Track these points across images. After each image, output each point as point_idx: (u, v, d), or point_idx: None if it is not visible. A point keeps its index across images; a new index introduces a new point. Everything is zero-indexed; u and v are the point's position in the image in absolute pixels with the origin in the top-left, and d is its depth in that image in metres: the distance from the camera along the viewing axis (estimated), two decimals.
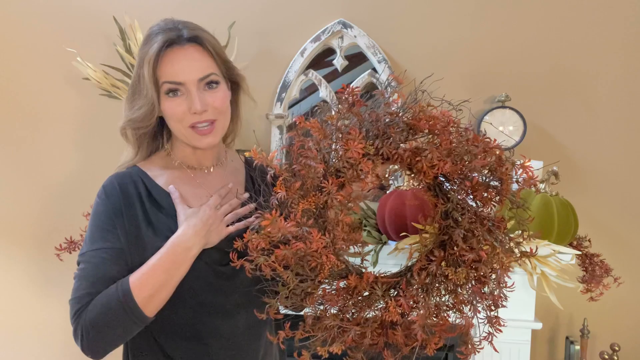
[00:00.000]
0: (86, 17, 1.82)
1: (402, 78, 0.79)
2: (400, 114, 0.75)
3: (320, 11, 1.79)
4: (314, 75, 1.78)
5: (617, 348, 1.65)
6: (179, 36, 0.97)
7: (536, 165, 1.56)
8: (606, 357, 1.64)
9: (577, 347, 1.68)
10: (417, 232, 1.14)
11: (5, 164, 1.89)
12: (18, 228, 1.89)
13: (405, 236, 1.23)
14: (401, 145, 0.72)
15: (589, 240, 1.54)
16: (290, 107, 1.81)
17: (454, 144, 0.73)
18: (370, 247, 1.42)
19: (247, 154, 1.29)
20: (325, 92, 1.77)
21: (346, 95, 0.75)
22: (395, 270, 0.85)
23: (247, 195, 1.04)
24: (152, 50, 0.95)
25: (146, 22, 1.67)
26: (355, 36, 1.75)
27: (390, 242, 1.44)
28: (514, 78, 1.76)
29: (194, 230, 0.94)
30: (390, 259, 1.34)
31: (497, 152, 0.75)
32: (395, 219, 1.32)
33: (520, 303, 1.51)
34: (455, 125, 0.75)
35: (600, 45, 1.75)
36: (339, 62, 1.77)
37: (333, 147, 0.73)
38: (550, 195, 1.43)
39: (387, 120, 0.75)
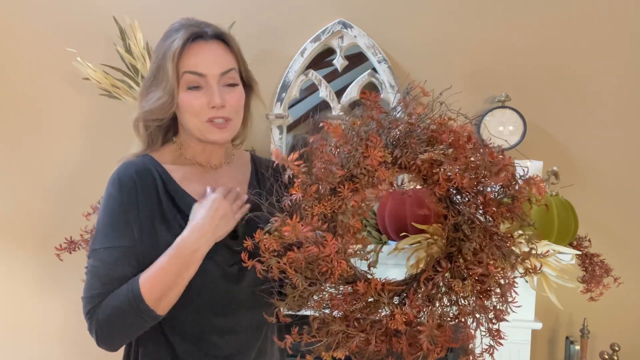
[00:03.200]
0: (86, 17, 1.82)
1: (417, 87, 0.78)
2: (421, 125, 0.75)
3: (320, 11, 1.79)
4: (314, 75, 1.78)
5: (617, 348, 1.65)
6: (204, 31, 0.98)
7: (536, 165, 1.56)
8: (606, 357, 1.64)
9: (577, 347, 1.68)
10: (417, 232, 1.14)
11: (5, 163, 1.89)
12: (18, 228, 1.89)
13: (405, 236, 1.23)
14: (419, 156, 0.72)
15: (589, 240, 1.54)
16: (290, 107, 1.81)
17: (471, 159, 0.73)
18: (371, 246, 1.42)
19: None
20: (325, 92, 1.77)
21: (369, 102, 0.75)
22: (395, 270, 0.86)
23: (245, 196, 1.03)
24: (177, 42, 0.95)
25: (146, 22, 1.68)
26: (355, 36, 1.75)
27: (390, 242, 1.44)
28: (514, 78, 1.76)
29: (200, 232, 0.93)
30: (390, 259, 1.34)
31: (511, 170, 0.75)
32: (395, 219, 1.32)
33: (520, 303, 1.51)
34: (474, 140, 0.75)
35: (600, 45, 1.75)
36: (339, 62, 1.77)
37: (352, 153, 0.73)
38: (550, 195, 1.43)
39: (407, 129, 0.75)
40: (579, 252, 1.45)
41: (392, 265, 1.35)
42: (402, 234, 1.25)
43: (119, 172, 0.99)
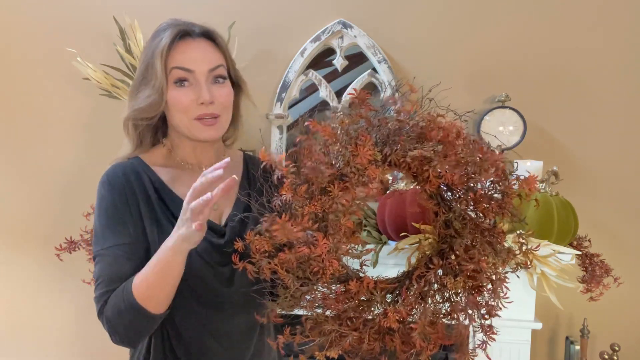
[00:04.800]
0: (86, 17, 1.82)
1: (406, 84, 0.78)
2: (410, 122, 0.75)
3: (320, 11, 1.79)
4: (314, 75, 1.78)
5: (617, 348, 1.64)
6: (192, 29, 0.99)
7: (536, 165, 1.56)
8: (606, 357, 1.64)
9: (577, 347, 1.68)
10: (417, 232, 1.14)
11: (5, 163, 1.89)
12: (18, 228, 1.89)
13: (405, 236, 1.23)
14: (409, 153, 0.72)
15: (589, 240, 1.54)
16: (290, 107, 1.81)
17: (461, 155, 0.73)
18: (369, 245, 1.42)
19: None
20: (325, 92, 1.77)
21: (357, 100, 0.75)
22: (394, 270, 0.86)
23: (219, 170, 0.88)
24: (164, 40, 0.96)
25: (146, 22, 1.68)
26: (355, 36, 1.75)
27: (390, 242, 1.44)
28: (514, 78, 1.76)
29: (174, 235, 0.88)
30: (390, 259, 1.34)
31: (501, 166, 0.75)
32: (395, 219, 1.32)
33: (520, 303, 1.51)
34: (464, 137, 0.75)
35: (600, 45, 1.75)
36: (339, 62, 1.77)
37: (342, 151, 0.72)
38: (550, 195, 1.43)
39: (396, 127, 0.75)
40: (579, 252, 1.45)
41: (391, 265, 1.35)
42: (402, 234, 1.25)
43: (107, 173, 1.00)
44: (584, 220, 1.54)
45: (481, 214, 0.77)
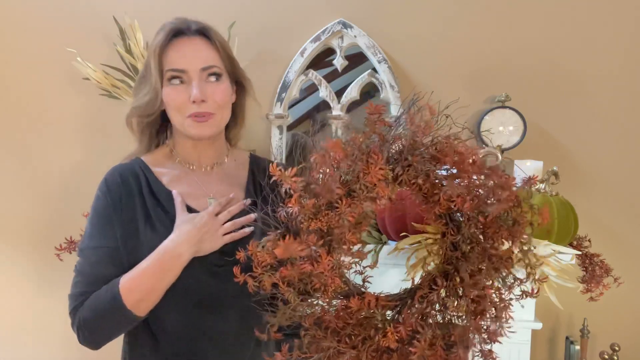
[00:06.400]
0: (86, 17, 1.82)
1: (403, 82, 0.77)
2: (425, 142, 0.73)
3: (320, 11, 1.79)
4: (314, 75, 1.78)
5: (617, 348, 1.64)
6: (187, 27, 1.00)
7: (536, 165, 1.56)
8: (606, 357, 1.64)
9: (577, 347, 1.68)
10: (417, 232, 1.14)
11: (5, 163, 1.88)
12: (18, 228, 1.89)
13: (406, 236, 1.23)
14: (421, 174, 0.71)
15: (589, 240, 1.54)
16: (290, 107, 1.81)
17: (473, 180, 0.72)
18: (371, 246, 1.42)
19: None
20: (325, 92, 1.77)
21: (374, 116, 0.73)
22: (394, 270, 0.85)
23: (248, 201, 1.03)
24: (159, 39, 0.98)
25: (146, 22, 1.68)
26: (355, 36, 1.75)
27: (390, 242, 1.44)
28: (514, 78, 1.76)
29: (185, 237, 0.93)
30: (390, 259, 1.34)
31: (515, 193, 0.73)
32: (395, 219, 1.32)
33: (519, 303, 1.51)
34: (479, 164, 0.73)
35: (600, 45, 1.75)
36: (339, 62, 1.77)
37: (352, 167, 0.71)
38: (550, 195, 1.43)
39: (410, 144, 0.73)
40: (579, 252, 1.45)
41: (391, 265, 1.35)
42: (402, 234, 1.25)
43: (106, 175, 1.02)
44: (584, 220, 1.54)
45: (490, 240, 0.75)
